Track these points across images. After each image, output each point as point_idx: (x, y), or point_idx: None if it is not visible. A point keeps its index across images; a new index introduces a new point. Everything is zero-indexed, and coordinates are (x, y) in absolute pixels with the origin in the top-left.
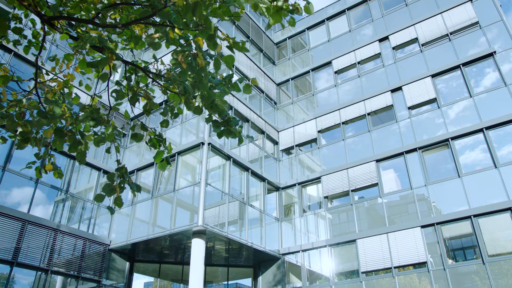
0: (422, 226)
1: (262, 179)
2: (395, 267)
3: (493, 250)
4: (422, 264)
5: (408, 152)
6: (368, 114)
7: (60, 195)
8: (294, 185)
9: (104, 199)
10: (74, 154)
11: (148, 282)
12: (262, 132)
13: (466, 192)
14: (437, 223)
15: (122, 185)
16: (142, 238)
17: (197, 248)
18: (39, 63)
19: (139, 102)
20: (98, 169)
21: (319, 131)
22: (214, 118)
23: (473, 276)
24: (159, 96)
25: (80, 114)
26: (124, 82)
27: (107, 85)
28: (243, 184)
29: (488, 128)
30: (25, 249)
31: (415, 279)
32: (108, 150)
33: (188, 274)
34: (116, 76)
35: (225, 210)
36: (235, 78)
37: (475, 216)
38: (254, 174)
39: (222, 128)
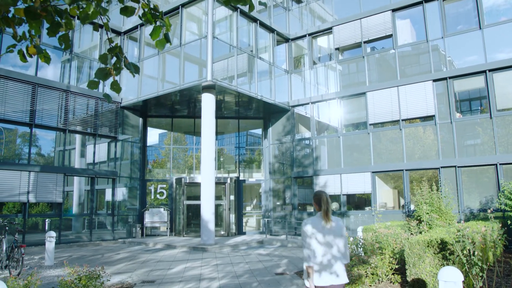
0: (434, 80)
1: (271, 30)
2: (402, 120)
3: (502, 104)
4: (430, 117)
5: (427, 0)
6: None
7: (65, 55)
8: (305, 36)
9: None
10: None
11: (163, 133)
12: None
13: (485, 45)
14: (450, 77)
15: (118, 65)
16: (152, 95)
17: (207, 102)
18: None
19: None
20: (100, 26)
21: None
22: None
23: (476, 127)
24: None
25: None
26: None
27: None
28: (251, 35)
29: None
30: (40, 111)
31: (420, 129)
32: (96, 28)
33: (200, 126)
34: None
35: (233, 63)
36: None
37: (490, 70)
38: (263, 25)
39: None
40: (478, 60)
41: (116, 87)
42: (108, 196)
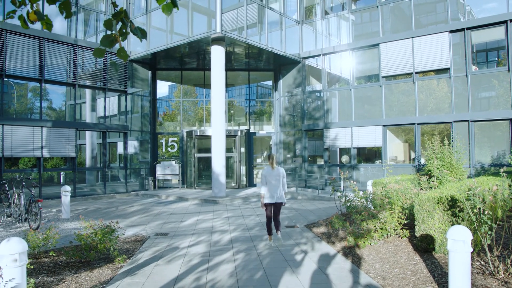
0: (451, 31)
1: None
2: (416, 73)
3: None
4: (445, 70)
5: None
6: None
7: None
8: None
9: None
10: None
11: (172, 86)
12: None
13: None
14: (468, 28)
15: (124, 30)
16: (161, 47)
17: (217, 54)
18: None
19: None
20: None
21: None
22: None
23: (492, 79)
24: None
25: None
26: None
27: None
28: None
29: None
30: (49, 66)
31: (433, 81)
32: None
33: (210, 78)
34: None
35: (243, 13)
36: None
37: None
38: None
39: None
40: (498, 7)
41: (123, 54)
42: (120, 150)
